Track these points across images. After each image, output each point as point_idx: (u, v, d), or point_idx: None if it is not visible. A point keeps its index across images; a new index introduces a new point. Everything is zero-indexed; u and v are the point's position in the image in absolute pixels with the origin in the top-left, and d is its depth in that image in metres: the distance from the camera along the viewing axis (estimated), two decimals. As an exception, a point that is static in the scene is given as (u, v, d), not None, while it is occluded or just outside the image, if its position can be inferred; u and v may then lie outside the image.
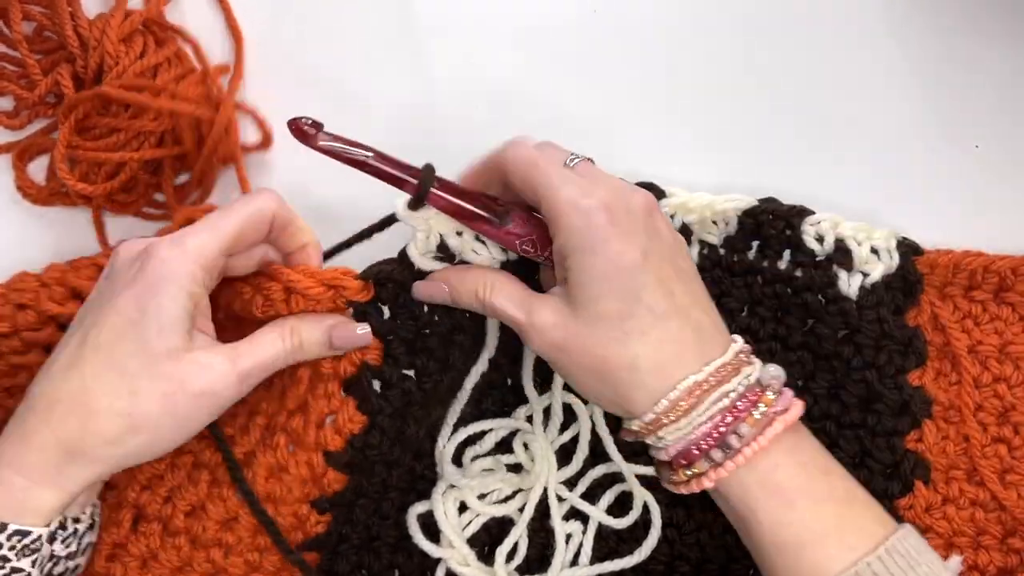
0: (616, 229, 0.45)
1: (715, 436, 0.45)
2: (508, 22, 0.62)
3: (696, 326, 0.46)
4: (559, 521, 0.54)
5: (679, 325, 0.46)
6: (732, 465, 0.45)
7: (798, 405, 0.47)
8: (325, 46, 0.62)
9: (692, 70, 0.61)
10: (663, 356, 0.45)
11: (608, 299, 0.45)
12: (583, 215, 0.45)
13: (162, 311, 0.45)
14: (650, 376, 0.45)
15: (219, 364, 0.46)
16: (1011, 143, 0.59)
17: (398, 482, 0.55)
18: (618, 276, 0.45)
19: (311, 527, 0.53)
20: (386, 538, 0.55)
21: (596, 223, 0.45)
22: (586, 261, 0.45)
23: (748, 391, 0.46)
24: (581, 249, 0.45)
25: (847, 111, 0.60)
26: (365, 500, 0.54)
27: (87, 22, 0.57)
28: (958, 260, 0.54)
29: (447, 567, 0.54)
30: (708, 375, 0.45)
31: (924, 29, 0.60)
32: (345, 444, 0.52)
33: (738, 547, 0.55)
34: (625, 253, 0.45)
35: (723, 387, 0.45)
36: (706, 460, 0.46)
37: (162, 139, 0.57)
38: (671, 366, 0.45)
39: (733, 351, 0.47)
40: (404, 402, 0.52)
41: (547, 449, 0.54)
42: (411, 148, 0.60)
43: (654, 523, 0.55)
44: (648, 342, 0.45)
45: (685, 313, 0.46)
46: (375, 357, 0.52)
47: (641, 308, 0.45)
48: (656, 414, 0.45)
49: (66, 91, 0.56)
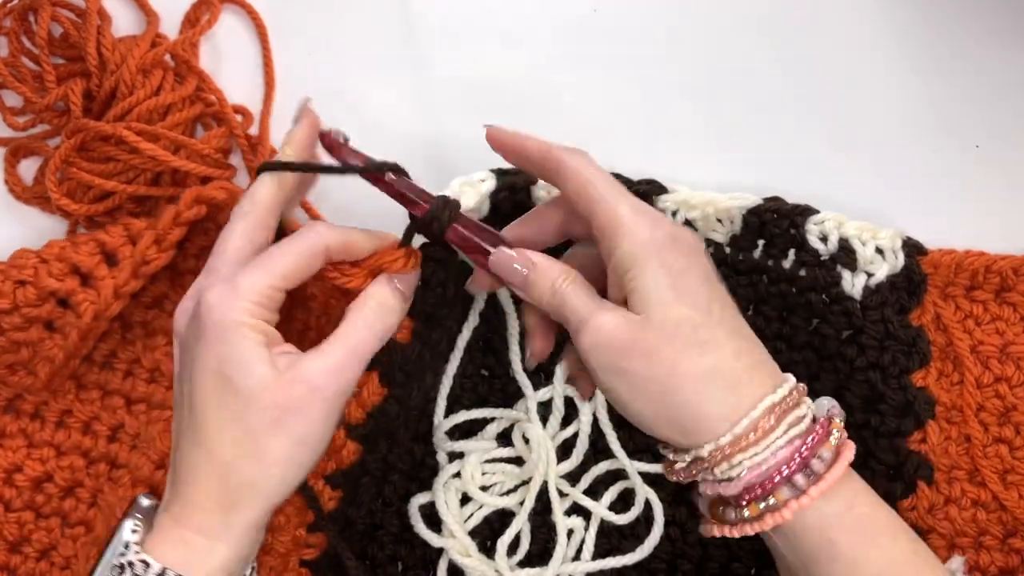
0: (679, 250, 0.44)
1: (798, 460, 0.42)
2: (508, 22, 0.62)
3: (761, 351, 0.45)
4: (560, 516, 0.54)
5: (750, 345, 0.44)
6: (817, 491, 0.42)
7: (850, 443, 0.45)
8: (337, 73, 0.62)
9: (693, 69, 0.61)
10: (739, 372, 0.43)
11: (680, 306, 0.43)
12: (647, 227, 0.44)
13: (238, 352, 0.44)
14: (727, 392, 0.42)
15: (309, 369, 0.45)
16: (1012, 143, 0.59)
17: (398, 463, 0.55)
18: (688, 287, 0.43)
19: (324, 504, 0.54)
20: (389, 527, 0.55)
21: (661, 234, 0.44)
22: (653, 271, 0.43)
23: (816, 417, 0.44)
24: (646, 258, 0.43)
25: (850, 111, 0.60)
26: (368, 478, 0.55)
27: (112, 42, 0.57)
28: (960, 260, 0.54)
29: (449, 559, 0.55)
30: (783, 397, 0.43)
31: (926, 29, 0.60)
32: (367, 416, 0.53)
33: (739, 546, 0.55)
34: (691, 271, 0.44)
35: (796, 412, 0.43)
36: (788, 488, 0.42)
37: (158, 178, 0.57)
38: (746, 384, 0.43)
39: (792, 380, 0.45)
40: (417, 371, 0.53)
41: (544, 440, 0.54)
42: (411, 147, 0.60)
43: (656, 520, 0.55)
44: (724, 355, 0.43)
45: (750, 337, 0.45)
46: (404, 335, 0.53)
47: (713, 320, 0.43)
48: (735, 436, 0.42)
49: (73, 107, 0.56)
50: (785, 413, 0.43)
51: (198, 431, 0.45)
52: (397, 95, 0.61)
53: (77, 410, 0.55)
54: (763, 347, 0.46)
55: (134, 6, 0.61)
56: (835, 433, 0.43)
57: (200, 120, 0.60)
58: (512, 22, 0.62)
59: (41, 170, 0.59)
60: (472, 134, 0.60)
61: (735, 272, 0.55)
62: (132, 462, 0.55)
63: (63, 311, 0.52)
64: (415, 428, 0.56)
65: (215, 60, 0.61)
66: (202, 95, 0.58)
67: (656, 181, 0.55)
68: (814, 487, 0.42)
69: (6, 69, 0.58)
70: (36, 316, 0.52)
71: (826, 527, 0.42)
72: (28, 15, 0.58)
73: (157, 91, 0.56)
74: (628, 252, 0.44)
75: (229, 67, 0.61)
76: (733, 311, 0.45)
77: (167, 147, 0.55)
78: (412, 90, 0.61)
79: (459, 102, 0.61)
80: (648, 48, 0.61)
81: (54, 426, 0.55)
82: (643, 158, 0.57)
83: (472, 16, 0.62)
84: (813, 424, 0.43)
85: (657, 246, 0.43)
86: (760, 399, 0.42)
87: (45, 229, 0.59)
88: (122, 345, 0.56)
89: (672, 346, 0.42)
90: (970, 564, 0.53)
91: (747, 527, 0.43)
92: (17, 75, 0.58)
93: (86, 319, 0.51)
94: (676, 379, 0.42)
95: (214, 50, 0.61)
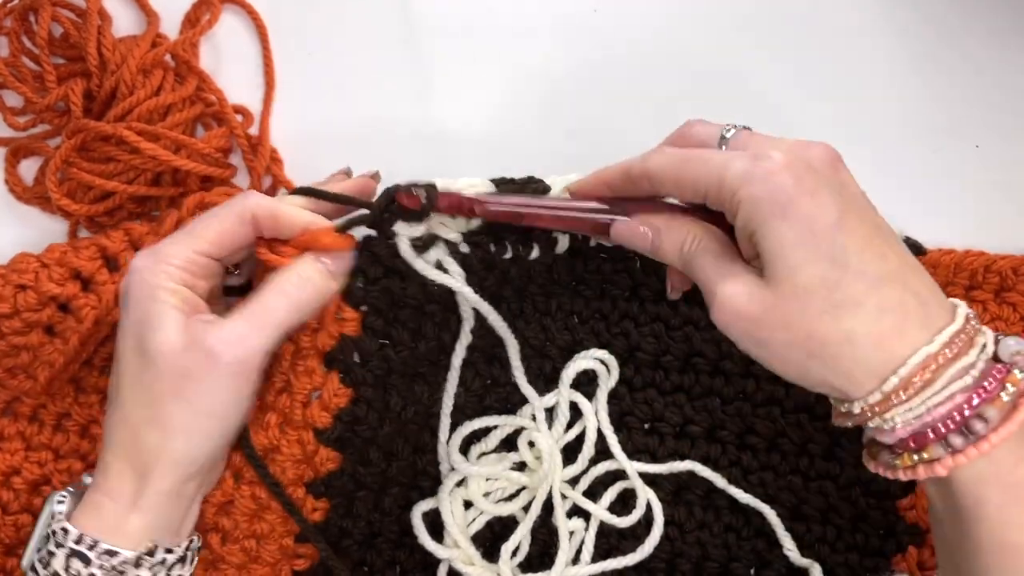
0: (802, 188, 0.40)
1: (956, 419, 0.39)
2: (508, 22, 0.62)
3: (915, 290, 0.40)
4: (563, 519, 0.54)
5: (897, 290, 0.40)
6: (975, 452, 0.39)
7: None
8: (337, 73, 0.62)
9: (693, 69, 0.61)
10: (884, 327, 0.39)
11: (810, 267, 0.39)
12: (761, 182, 0.40)
13: (149, 314, 0.46)
14: (871, 351, 0.39)
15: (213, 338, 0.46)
16: (1012, 143, 0.59)
17: (399, 475, 0.55)
18: (817, 240, 0.39)
19: (308, 514, 0.53)
20: (388, 534, 0.55)
21: (778, 186, 0.40)
22: (776, 230, 0.40)
23: (991, 367, 0.40)
24: (768, 218, 0.40)
25: (850, 111, 0.60)
26: (365, 492, 0.54)
27: (112, 42, 0.57)
28: (959, 260, 0.54)
29: (449, 564, 0.54)
30: (942, 346, 0.39)
31: (926, 29, 0.61)
32: (333, 419, 0.53)
33: (739, 546, 0.55)
34: (820, 214, 0.40)
35: (961, 361, 0.39)
36: (942, 446, 0.40)
37: (158, 178, 0.57)
38: (894, 339, 0.39)
39: (963, 316, 0.40)
40: (384, 370, 0.53)
41: (553, 448, 0.54)
42: (411, 148, 0.60)
43: (656, 521, 0.55)
44: (865, 313, 0.39)
45: (902, 277, 0.40)
46: (353, 328, 0.52)
47: (850, 274, 0.39)
48: (884, 393, 0.40)
49: (73, 108, 0.56)
50: (948, 363, 0.39)
51: (116, 393, 0.47)
52: (397, 95, 0.61)
53: (76, 413, 0.55)
54: (921, 277, 0.41)
55: (134, 6, 0.60)
56: (1009, 388, 0.39)
57: (200, 120, 0.60)
58: (512, 22, 0.62)
59: (41, 170, 0.59)
60: (472, 134, 0.61)
61: None
62: None
63: (64, 316, 0.52)
64: (416, 440, 0.55)
65: (215, 60, 0.61)
66: (202, 95, 0.58)
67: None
68: (973, 447, 0.39)
69: (6, 69, 0.58)
70: (36, 320, 0.52)
71: (980, 483, 0.40)
72: (28, 15, 0.58)
73: (157, 91, 0.56)
74: (747, 218, 0.41)
75: (229, 67, 0.61)
76: (880, 247, 0.40)
77: (167, 147, 0.55)
78: (412, 90, 0.61)
79: (459, 102, 0.61)
80: (648, 48, 0.61)
81: (52, 429, 0.55)
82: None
83: (472, 16, 0.62)
84: (986, 373, 0.40)
85: (778, 202, 0.40)
86: (913, 351, 0.39)
87: (46, 229, 0.59)
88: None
89: (806, 313, 0.40)
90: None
91: (900, 473, 0.41)
92: (17, 75, 0.58)
93: (87, 324, 0.51)
94: (815, 344, 0.40)
95: (214, 50, 0.61)
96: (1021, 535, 0.39)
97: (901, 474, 0.41)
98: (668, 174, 0.44)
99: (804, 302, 0.40)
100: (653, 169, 0.44)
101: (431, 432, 0.55)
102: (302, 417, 0.52)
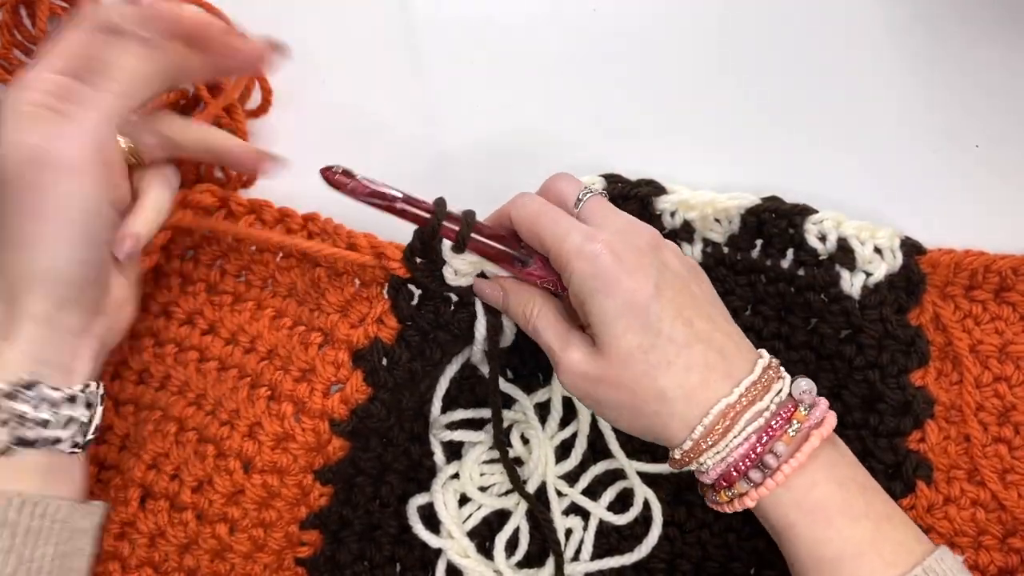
0: (624, 267, 0.46)
1: (752, 457, 0.45)
2: (508, 22, 0.62)
3: (720, 348, 0.47)
4: (558, 516, 0.55)
5: (702, 350, 0.46)
6: (772, 484, 0.45)
7: (832, 416, 0.47)
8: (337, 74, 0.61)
9: (693, 69, 0.61)
10: (691, 383, 0.46)
11: (629, 335, 0.46)
12: (590, 261, 0.46)
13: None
14: (681, 404, 0.46)
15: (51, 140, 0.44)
16: (1012, 143, 0.59)
17: (394, 463, 0.55)
18: (634, 312, 0.45)
19: (315, 500, 0.54)
20: (387, 528, 0.55)
21: (603, 265, 0.46)
22: (601, 304, 0.46)
23: (781, 408, 0.46)
24: (593, 292, 0.46)
25: (850, 111, 0.60)
26: (363, 478, 0.54)
27: None
28: (959, 259, 0.54)
29: (448, 560, 0.55)
30: (739, 396, 0.46)
31: (926, 29, 0.61)
32: (350, 413, 0.53)
33: (739, 546, 0.55)
34: (638, 290, 0.46)
35: (756, 406, 0.46)
36: (745, 481, 0.46)
37: None
38: (700, 392, 0.46)
39: (760, 367, 0.47)
40: (406, 379, 0.53)
41: (544, 442, 0.54)
42: (411, 148, 0.60)
43: (655, 521, 0.55)
44: (674, 371, 0.46)
45: (707, 338, 0.46)
46: (389, 336, 0.53)
47: (662, 340, 0.46)
48: (693, 440, 0.46)
49: None
50: (744, 409, 0.45)
51: None
52: (397, 96, 0.61)
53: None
54: (728, 337, 0.47)
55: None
56: (795, 424, 0.46)
57: (178, 107, 0.58)
58: (512, 22, 0.62)
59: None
60: (472, 134, 0.60)
61: (733, 272, 0.55)
62: (121, 463, 0.55)
63: None
64: (411, 428, 0.56)
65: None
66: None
67: (655, 181, 0.55)
68: (770, 479, 0.45)
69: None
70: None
71: (786, 511, 0.46)
72: (19, 8, 0.58)
73: None
74: (578, 289, 0.47)
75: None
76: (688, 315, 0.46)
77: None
78: (412, 90, 0.61)
79: (458, 102, 0.61)
80: (648, 48, 0.61)
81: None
82: (642, 158, 0.57)
83: (472, 16, 0.62)
84: (775, 414, 0.46)
85: (603, 279, 0.46)
86: (714, 404, 0.45)
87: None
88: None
89: (629, 373, 0.46)
90: (970, 563, 0.53)
91: (724, 507, 0.48)
92: (8, 68, 0.58)
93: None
94: (639, 401, 0.46)
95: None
96: (830, 549, 0.45)
97: (725, 508, 0.48)
98: (524, 225, 0.49)
99: (626, 365, 0.46)
100: (514, 217, 0.49)
101: (424, 420, 0.55)
102: (321, 407, 0.53)
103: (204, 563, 0.53)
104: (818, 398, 0.47)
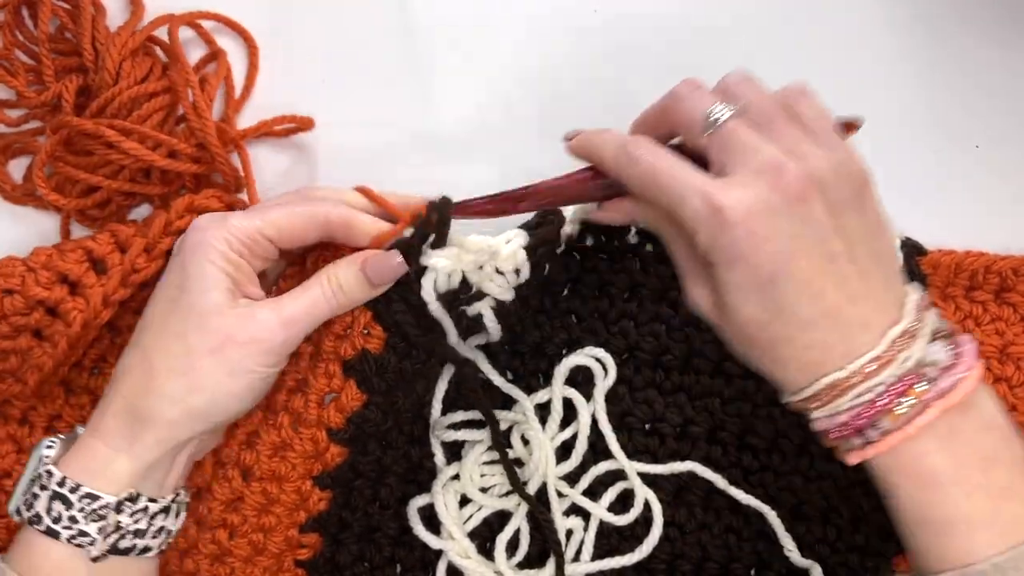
0: (751, 243, 0.43)
1: (853, 426, 0.44)
2: (508, 22, 0.62)
3: (847, 322, 0.44)
4: (559, 517, 0.54)
5: (825, 329, 0.44)
6: (872, 451, 0.44)
7: (966, 381, 0.43)
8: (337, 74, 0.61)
9: (693, 70, 0.60)
10: (808, 359, 0.44)
11: (748, 308, 0.44)
12: (714, 233, 0.43)
13: (203, 272, 0.47)
14: (793, 372, 0.45)
15: (262, 313, 0.48)
16: (1012, 143, 0.59)
17: (393, 465, 0.55)
18: (757, 287, 0.43)
19: (313, 504, 0.54)
20: (387, 530, 0.55)
21: (730, 240, 0.43)
22: (723, 273, 0.44)
23: (899, 381, 0.43)
24: (717, 261, 0.44)
25: (849, 111, 0.59)
26: (362, 481, 0.54)
27: (106, 35, 0.56)
28: (960, 260, 0.54)
29: (448, 561, 0.55)
30: (851, 372, 0.43)
31: (926, 29, 0.61)
32: (346, 421, 0.53)
33: (739, 547, 0.55)
34: (762, 265, 0.43)
35: (868, 382, 0.43)
36: (845, 443, 0.45)
37: (148, 171, 0.56)
38: (815, 367, 0.44)
39: (889, 339, 0.44)
40: (397, 381, 0.53)
41: (544, 443, 0.54)
42: (411, 148, 0.60)
43: (655, 521, 0.55)
44: (793, 347, 0.44)
45: (834, 313, 0.44)
46: (376, 346, 0.52)
47: (784, 315, 0.43)
48: (800, 398, 0.45)
49: (65, 104, 0.55)
50: (854, 386, 0.43)
51: (140, 338, 0.48)
52: (397, 95, 0.61)
53: (67, 415, 0.55)
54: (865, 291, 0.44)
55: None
56: (907, 399, 0.43)
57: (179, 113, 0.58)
58: (512, 22, 0.62)
59: (29, 169, 0.59)
60: (471, 135, 0.60)
61: None
62: None
63: (52, 319, 0.51)
64: (410, 431, 0.56)
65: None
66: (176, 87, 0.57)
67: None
68: (870, 447, 0.44)
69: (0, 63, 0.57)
70: (24, 325, 0.51)
71: (887, 476, 0.45)
72: (21, 9, 0.58)
73: (145, 78, 0.56)
74: (704, 251, 0.44)
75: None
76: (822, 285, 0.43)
77: (145, 143, 0.54)
78: (412, 90, 0.61)
79: (458, 103, 0.61)
80: (648, 48, 0.61)
81: (43, 431, 0.55)
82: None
83: (472, 17, 0.62)
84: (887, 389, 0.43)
85: (728, 252, 0.43)
86: (826, 378, 0.44)
87: (37, 224, 0.59)
88: (111, 350, 0.56)
89: (744, 339, 0.45)
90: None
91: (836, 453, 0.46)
92: (10, 69, 0.58)
93: (75, 328, 0.51)
94: (754, 354, 0.46)
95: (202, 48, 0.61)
96: (938, 512, 0.44)
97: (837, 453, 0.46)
98: (634, 189, 0.47)
99: (743, 331, 0.45)
100: (624, 180, 0.48)
101: (423, 422, 0.55)
102: (317, 417, 0.52)
103: (204, 567, 0.53)
104: (960, 360, 0.44)
